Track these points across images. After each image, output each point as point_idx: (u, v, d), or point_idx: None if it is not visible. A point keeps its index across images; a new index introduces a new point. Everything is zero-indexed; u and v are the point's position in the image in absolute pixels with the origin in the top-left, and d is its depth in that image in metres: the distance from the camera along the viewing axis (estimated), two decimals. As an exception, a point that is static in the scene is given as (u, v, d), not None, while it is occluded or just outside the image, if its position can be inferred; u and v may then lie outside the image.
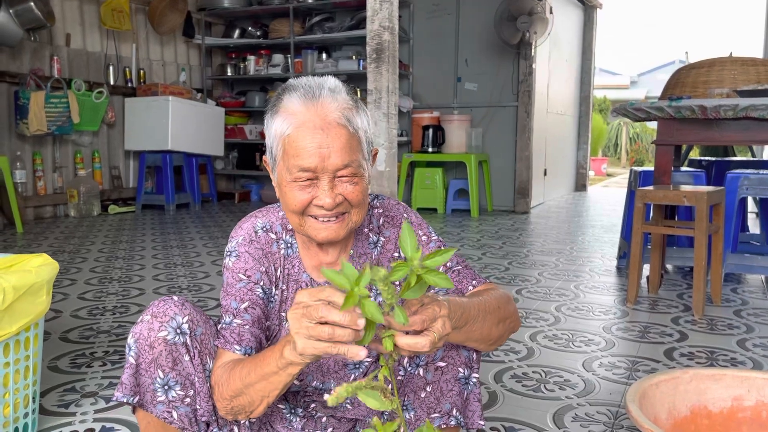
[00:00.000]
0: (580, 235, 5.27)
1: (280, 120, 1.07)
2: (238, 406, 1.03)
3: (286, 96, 1.08)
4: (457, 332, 0.98)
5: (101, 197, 6.24)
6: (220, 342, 1.10)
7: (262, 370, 0.98)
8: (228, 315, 1.12)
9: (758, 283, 3.53)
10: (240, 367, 1.02)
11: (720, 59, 3.27)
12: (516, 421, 1.77)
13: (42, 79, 5.57)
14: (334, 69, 6.81)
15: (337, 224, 1.08)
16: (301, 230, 1.10)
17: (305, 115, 1.05)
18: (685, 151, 4.39)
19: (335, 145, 1.04)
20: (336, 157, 1.04)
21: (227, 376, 1.04)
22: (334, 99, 1.06)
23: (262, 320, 1.14)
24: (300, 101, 1.06)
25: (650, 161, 15.15)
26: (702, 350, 2.38)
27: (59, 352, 2.30)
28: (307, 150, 1.04)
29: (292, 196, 1.07)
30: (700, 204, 2.73)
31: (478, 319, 1.02)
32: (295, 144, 1.04)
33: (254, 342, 1.11)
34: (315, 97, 1.06)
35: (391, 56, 3.73)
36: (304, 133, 1.04)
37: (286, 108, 1.07)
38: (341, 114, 1.06)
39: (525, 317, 2.79)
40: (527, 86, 6.51)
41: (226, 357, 1.09)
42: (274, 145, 1.09)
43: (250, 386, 1.00)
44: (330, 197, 1.05)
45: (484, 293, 1.09)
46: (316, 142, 1.04)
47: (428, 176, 6.53)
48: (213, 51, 7.77)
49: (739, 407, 1.48)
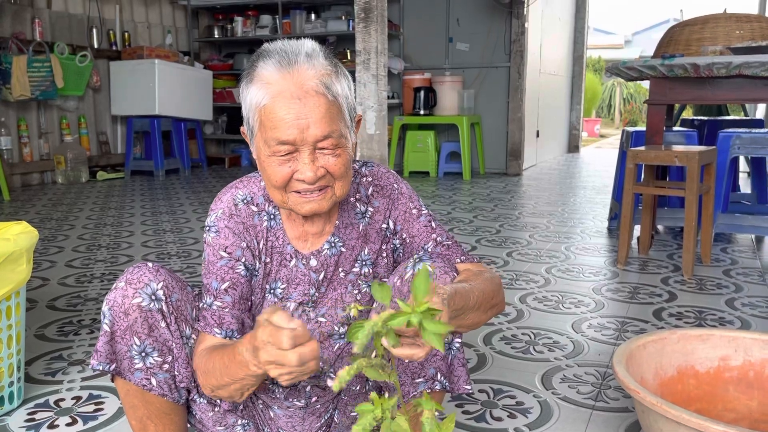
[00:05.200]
0: (572, 196, 5.26)
1: (255, 89, 1.01)
2: (220, 396, 1.04)
3: (261, 63, 1.02)
4: (453, 323, 0.95)
5: (89, 163, 6.17)
6: (200, 325, 1.08)
7: (233, 375, 0.96)
8: (209, 296, 1.09)
9: (748, 242, 3.54)
10: (212, 365, 1.00)
11: (714, 16, 3.21)
12: (504, 383, 1.77)
13: (24, 43, 5.45)
14: (323, 30, 6.69)
15: (320, 196, 1.04)
16: (285, 206, 1.06)
17: (281, 84, 0.99)
18: (677, 111, 4.35)
19: (314, 115, 0.98)
20: (315, 127, 0.99)
21: (203, 368, 1.02)
22: (311, 65, 1.00)
23: (244, 300, 1.11)
24: (275, 68, 1.00)
25: (643, 122, 15.09)
26: (690, 310, 2.38)
27: (46, 320, 2.29)
28: (284, 121, 0.98)
29: (272, 171, 1.02)
30: (691, 164, 2.71)
31: (474, 308, 0.99)
32: (272, 115, 0.99)
33: (235, 323, 1.09)
34: (291, 63, 1.00)
35: (380, 16, 3.65)
36: (281, 103, 0.98)
37: (261, 76, 1.01)
38: (319, 81, 0.99)
39: (515, 279, 2.79)
40: (520, 46, 6.41)
41: (207, 340, 1.07)
42: (250, 116, 1.04)
43: (226, 386, 0.99)
44: (311, 170, 1.00)
45: (478, 278, 1.05)
46: (294, 113, 0.98)
47: (420, 139, 6.47)
48: (199, 12, 7.60)
49: (726, 367, 1.48)
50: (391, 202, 1.18)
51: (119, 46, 6.57)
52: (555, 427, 1.55)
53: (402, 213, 1.17)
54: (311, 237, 1.15)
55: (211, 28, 7.42)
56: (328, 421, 1.25)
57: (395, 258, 1.19)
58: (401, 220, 1.17)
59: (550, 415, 1.60)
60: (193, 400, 1.13)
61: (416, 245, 1.16)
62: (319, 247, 1.15)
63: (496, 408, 1.64)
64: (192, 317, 1.10)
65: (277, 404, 1.21)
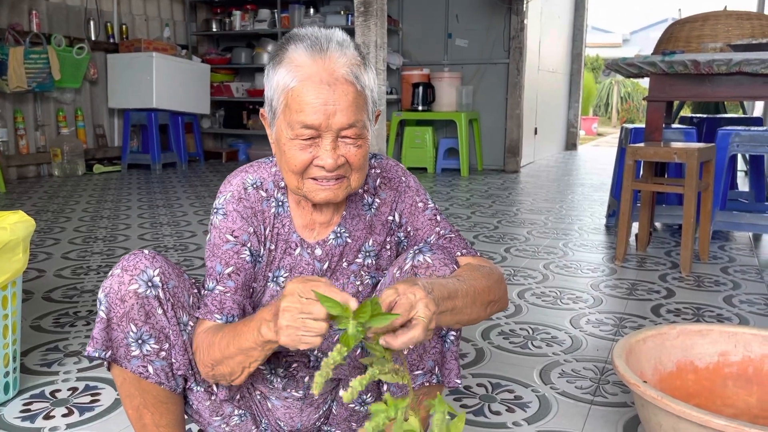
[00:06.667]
0: (570, 193, 5.26)
1: (284, 71, 1.00)
2: (220, 374, 1.02)
3: (292, 46, 1.01)
4: (448, 315, 0.95)
5: (86, 156, 6.14)
6: (200, 312, 1.07)
7: (240, 344, 0.96)
8: (212, 280, 1.08)
9: (746, 240, 3.54)
10: (220, 337, 1.00)
11: (714, 13, 3.21)
12: (503, 378, 1.77)
13: (21, 34, 5.41)
14: (322, 24, 6.64)
15: (336, 185, 1.03)
16: (299, 192, 1.05)
17: (312, 68, 0.98)
18: (676, 108, 4.35)
19: (342, 102, 0.98)
20: (342, 115, 0.98)
21: (208, 343, 1.02)
22: (342, 53, 1.00)
23: (247, 286, 1.10)
24: (306, 53, 0.99)
25: (641, 120, 15.09)
26: (689, 307, 2.38)
27: (42, 311, 2.27)
28: (311, 105, 0.97)
29: (292, 155, 1.01)
30: (690, 161, 2.70)
31: (467, 302, 0.98)
32: (299, 98, 0.98)
33: (237, 309, 1.08)
34: (323, 49, 0.99)
35: (380, 9, 3.63)
36: (310, 87, 0.97)
37: (291, 59, 0.99)
38: (349, 70, 0.99)
39: (513, 275, 2.78)
40: (518, 43, 6.40)
41: (206, 324, 1.06)
42: (275, 98, 1.02)
43: (229, 358, 0.98)
44: (332, 158, 0.99)
45: (475, 272, 1.05)
46: (322, 98, 0.97)
47: (418, 135, 6.46)
48: (197, 6, 7.57)
49: (726, 362, 1.48)
50: (398, 194, 1.17)
51: (117, 39, 6.53)
52: (554, 421, 1.54)
53: (408, 206, 1.17)
54: (318, 226, 1.14)
55: (209, 21, 7.39)
56: (326, 413, 1.24)
57: (399, 251, 1.18)
58: (407, 213, 1.17)
59: (548, 409, 1.60)
60: (190, 389, 1.12)
61: (420, 238, 1.15)
62: (325, 236, 1.14)
63: (495, 402, 1.63)
64: (189, 304, 1.09)
65: (274, 395, 1.20)
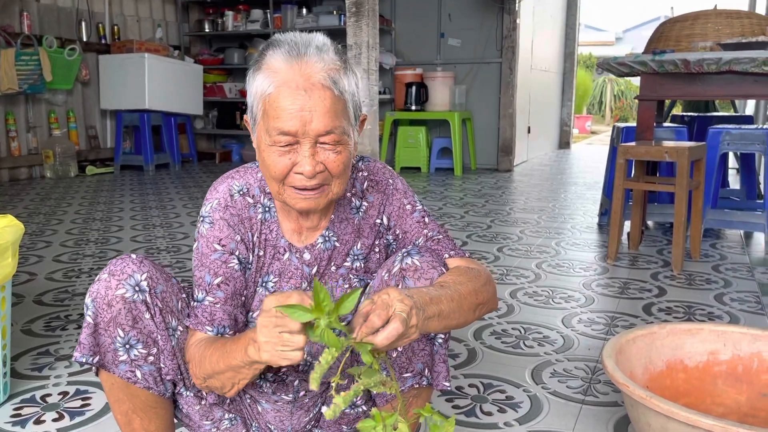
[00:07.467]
0: (563, 192, 5.27)
1: (262, 77, 1.00)
2: (212, 386, 1.04)
3: (270, 52, 1.01)
4: (435, 321, 0.94)
5: (78, 158, 6.11)
6: (191, 322, 1.08)
7: (229, 362, 0.97)
8: (201, 290, 1.08)
9: (737, 238, 3.55)
10: (211, 352, 1.01)
11: (704, 12, 3.22)
12: (495, 378, 1.77)
13: (12, 36, 5.39)
14: (315, 24, 6.65)
15: (317, 194, 1.03)
16: (280, 198, 1.05)
17: (288, 74, 0.98)
18: (668, 107, 4.36)
19: (319, 108, 0.97)
20: (318, 121, 0.98)
21: (199, 356, 1.02)
22: (320, 58, 0.99)
23: (238, 295, 1.10)
24: (283, 58, 0.99)
25: (634, 119, 15.12)
26: (680, 305, 2.39)
27: (33, 315, 2.26)
28: (287, 111, 0.97)
29: (271, 161, 1.01)
30: (681, 159, 2.71)
31: (453, 306, 0.98)
32: (276, 104, 0.98)
33: (228, 320, 1.08)
34: (300, 54, 0.99)
35: (371, 10, 3.63)
36: (286, 93, 0.97)
37: (269, 65, 1.00)
38: (327, 75, 0.98)
39: (506, 274, 2.79)
40: (511, 42, 6.41)
41: (199, 336, 1.07)
42: (254, 104, 1.03)
43: (220, 373, 0.99)
44: (310, 164, 0.99)
45: (461, 276, 1.05)
46: (298, 104, 0.97)
47: (411, 135, 6.46)
48: (190, 6, 7.55)
49: (715, 361, 1.48)
50: (385, 197, 1.17)
51: (108, 40, 6.51)
52: (545, 421, 1.54)
53: (396, 209, 1.17)
54: (306, 230, 1.14)
55: (201, 22, 7.37)
56: (317, 416, 1.24)
57: (388, 254, 1.18)
58: (395, 215, 1.16)
59: (539, 409, 1.60)
60: (180, 393, 1.12)
61: (408, 241, 1.15)
62: (314, 240, 1.14)
63: (486, 402, 1.63)
64: (178, 309, 1.09)
65: (264, 398, 1.20)
